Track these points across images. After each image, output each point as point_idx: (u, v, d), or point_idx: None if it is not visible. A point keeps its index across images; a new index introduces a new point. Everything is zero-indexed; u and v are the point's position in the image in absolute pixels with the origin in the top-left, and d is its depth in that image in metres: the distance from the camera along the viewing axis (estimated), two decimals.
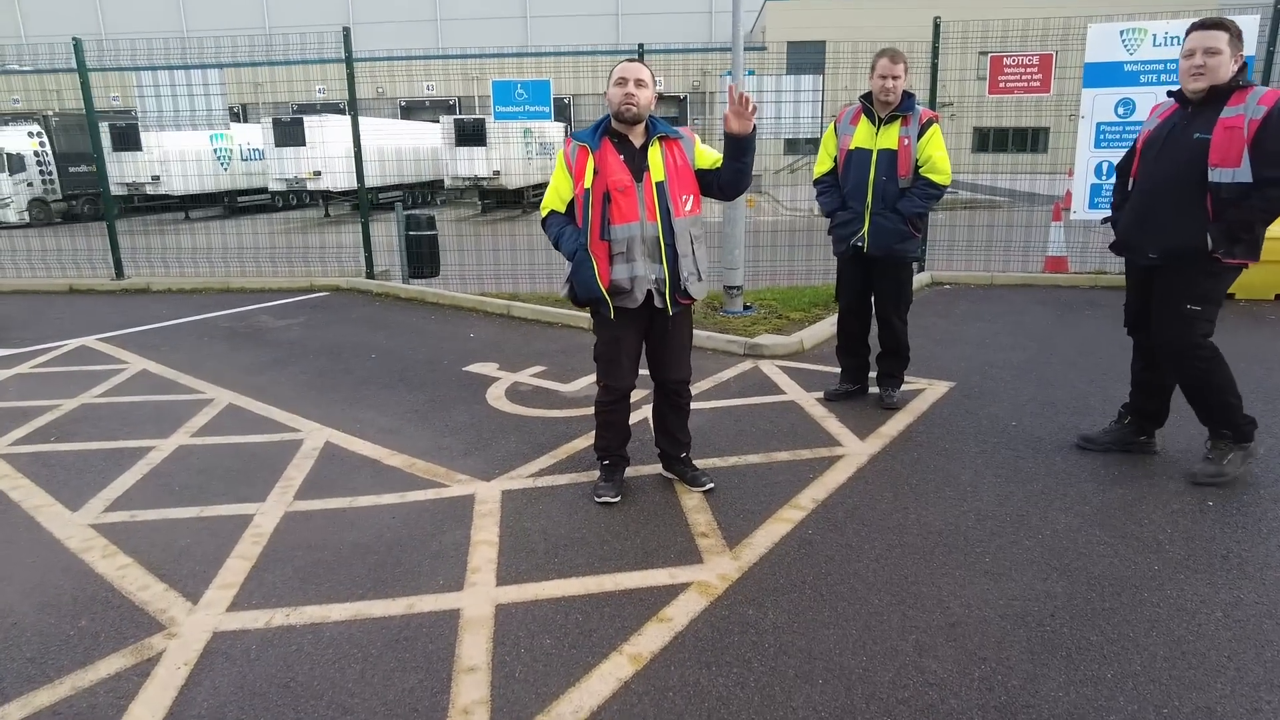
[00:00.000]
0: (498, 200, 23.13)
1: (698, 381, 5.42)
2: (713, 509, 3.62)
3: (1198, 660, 2.53)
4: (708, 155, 3.50)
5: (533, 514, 3.62)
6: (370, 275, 9.66)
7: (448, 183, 23.51)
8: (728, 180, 3.44)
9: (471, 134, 22.25)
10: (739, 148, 3.33)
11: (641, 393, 4.42)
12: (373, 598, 2.97)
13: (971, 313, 7.52)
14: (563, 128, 25.73)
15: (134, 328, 7.56)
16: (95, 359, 6.45)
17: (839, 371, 5.20)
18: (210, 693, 2.48)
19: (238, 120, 29.19)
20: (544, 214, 3.59)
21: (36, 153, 21.65)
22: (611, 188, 3.33)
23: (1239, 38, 3.49)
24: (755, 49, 30.51)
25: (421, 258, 9.20)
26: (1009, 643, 2.63)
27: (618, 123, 3.38)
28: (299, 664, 2.60)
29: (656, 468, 4.01)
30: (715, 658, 2.59)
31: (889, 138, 4.52)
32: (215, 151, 23.44)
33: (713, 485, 3.80)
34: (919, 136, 4.51)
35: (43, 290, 9.81)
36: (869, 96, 4.61)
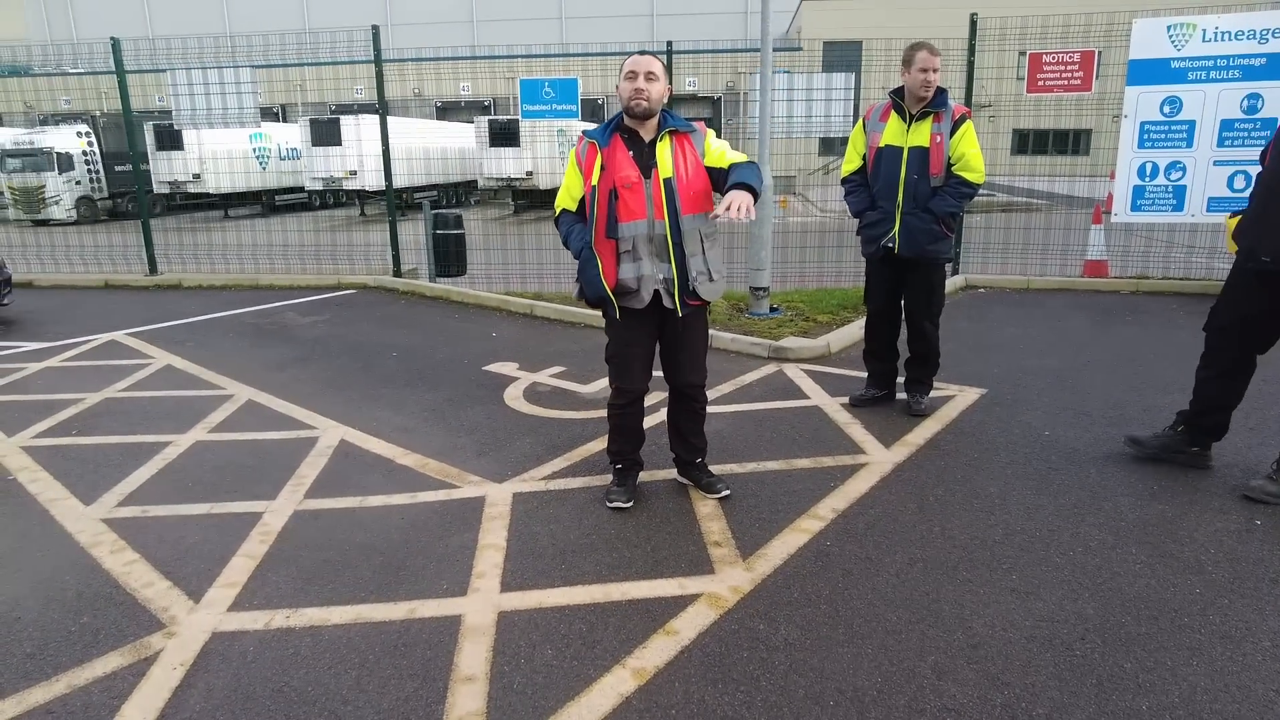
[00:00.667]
0: (530, 201, 23.19)
1: (719, 384, 5.31)
2: (727, 517, 3.51)
3: (1242, 694, 2.35)
4: (717, 153, 3.32)
5: (542, 518, 3.54)
6: (397, 274, 9.69)
7: (481, 183, 23.65)
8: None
9: (505, 134, 22.34)
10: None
11: (658, 396, 4.32)
12: (374, 601, 2.91)
13: (1005, 317, 7.29)
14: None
15: (163, 323, 7.65)
16: (122, 354, 6.53)
17: (865, 376, 5.04)
18: (203, 695, 2.43)
19: (277, 120, 29.71)
20: (556, 212, 3.50)
21: (84, 152, 22.23)
22: (618, 184, 3.22)
23: None
24: (790, 49, 30.22)
25: (448, 256, 9.20)
26: (1035, 667, 2.48)
27: (629, 118, 3.28)
28: (295, 668, 2.54)
29: (671, 473, 3.90)
30: (722, 674, 2.48)
31: (920, 135, 4.36)
32: (255, 151, 23.85)
33: (728, 492, 3.68)
34: (951, 133, 4.34)
35: (80, 285, 10.00)
36: (899, 92, 4.46)
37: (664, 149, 3.27)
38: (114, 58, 9.38)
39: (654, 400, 4.47)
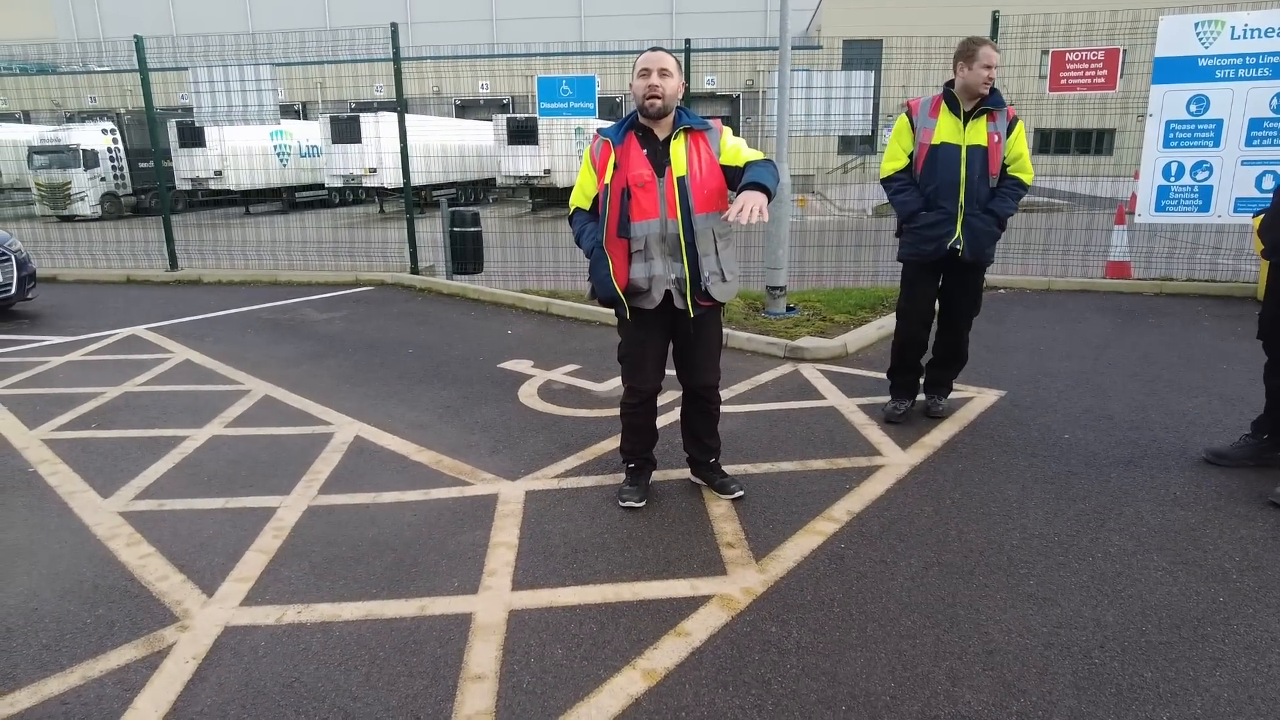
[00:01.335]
0: (548, 199, 23.22)
1: (734, 383, 5.28)
2: (741, 518, 3.48)
3: (1268, 706, 2.29)
4: (732, 151, 3.26)
5: (555, 516, 3.53)
6: (414, 271, 9.72)
7: (499, 181, 23.70)
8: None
9: (523, 132, 22.37)
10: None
11: (672, 395, 4.30)
12: (386, 597, 2.91)
13: (1026, 318, 7.20)
14: None
15: (182, 318, 7.72)
16: (142, 348, 6.59)
17: (887, 381, 4.80)
18: (215, 689, 2.43)
19: (298, 117, 29.95)
20: (570, 210, 3.49)
21: (110, 149, 22.51)
22: (631, 183, 3.19)
23: None
24: (810, 47, 30.05)
25: (465, 254, 9.23)
26: (1052, 675, 2.43)
27: (643, 116, 3.25)
28: (305, 663, 2.55)
29: (685, 472, 3.88)
30: (733, 677, 2.45)
31: (978, 133, 4.18)
32: (275, 148, 24.04)
33: (742, 493, 3.65)
34: (1008, 133, 4.23)
35: (102, 280, 10.13)
36: (951, 84, 4.24)
37: (678, 147, 3.23)
38: (137, 56, 9.48)
39: (668, 399, 4.45)
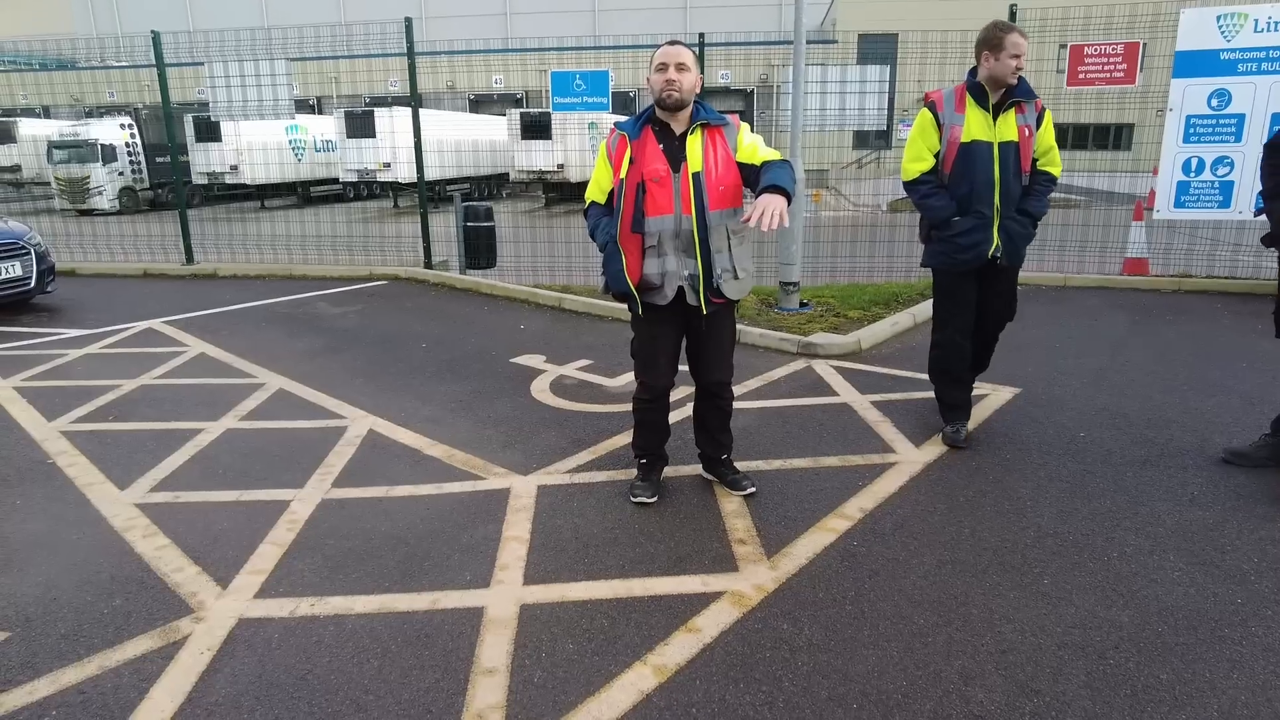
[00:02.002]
0: (561, 194, 23.22)
1: (746, 379, 5.27)
2: (753, 514, 3.47)
3: None
4: (750, 149, 3.23)
5: (566, 511, 3.53)
6: (428, 265, 9.76)
7: (513, 176, 23.72)
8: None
9: (536, 127, 22.37)
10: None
11: (685, 390, 4.29)
12: (398, 591, 2.93)
13: (1042, 315, 7.13)
14: None
15: (198, 312, 7.78)
16: (159, 341, 6.65)
17: (941, 409, 4.36)
18: (229, 680, 2.46)
19: (313, 112, 30.07)
20: (586, 204, 3.48)
21: (127, 144, 22.65)
22: (646, 177, 3.18)
23: None
24: (826, 41, 29.87)
25: (479, 249, 9.24)
26: (1066, 675, 2.42)
27: (660, 110, 3.24)
28: (318, 656, 2.57)
29: (697, 468, 3.87)
30: (744, 674, 2.45)
31: (1008, 128, 3.87)
32: (290, 143, 24.15)
33: (754, 489, 3.64)
34: (1038, 125, 3.94)
35: (120, 274, 10.22)
36: (974, 73, 3.93)
37: (695, 142, 3.21)
38: (154, 51, 9.54)
39: (680, 394, 4.45)
